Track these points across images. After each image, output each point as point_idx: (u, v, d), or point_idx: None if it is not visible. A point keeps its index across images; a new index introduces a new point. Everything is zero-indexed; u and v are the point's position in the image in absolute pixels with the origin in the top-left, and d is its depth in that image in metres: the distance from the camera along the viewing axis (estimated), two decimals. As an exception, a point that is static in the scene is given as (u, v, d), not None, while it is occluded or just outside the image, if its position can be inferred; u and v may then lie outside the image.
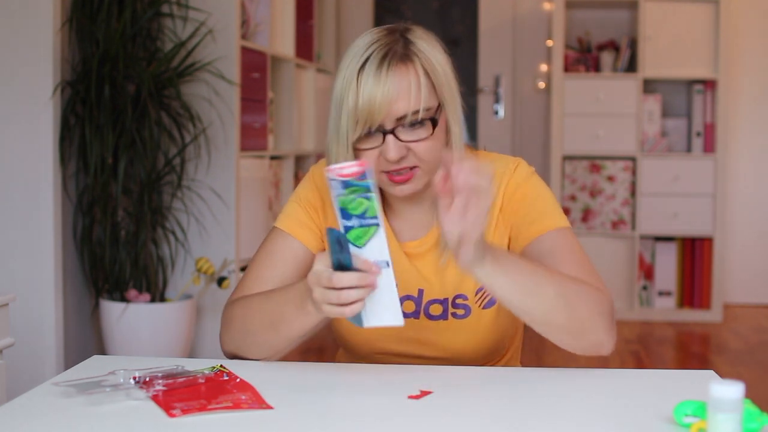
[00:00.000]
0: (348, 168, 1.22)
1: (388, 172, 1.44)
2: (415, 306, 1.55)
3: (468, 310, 1.54)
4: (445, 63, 1.46)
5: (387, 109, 1.40)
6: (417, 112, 1.41)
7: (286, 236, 1.55)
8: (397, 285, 1.27)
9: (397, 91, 1.40)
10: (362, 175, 1.22)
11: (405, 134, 1.42)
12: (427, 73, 1.43)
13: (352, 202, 1.23)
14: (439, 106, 1.44)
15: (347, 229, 1.24)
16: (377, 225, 1.24)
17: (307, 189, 1.59)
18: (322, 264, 1.27)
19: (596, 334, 1.38)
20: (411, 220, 1.55)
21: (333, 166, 1.22)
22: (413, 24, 1.48)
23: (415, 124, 1.42)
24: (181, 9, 3.45)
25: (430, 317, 1.55)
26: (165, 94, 3.37)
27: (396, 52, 1.42)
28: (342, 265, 1.25)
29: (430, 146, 1.43)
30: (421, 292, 1.54)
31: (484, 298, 1.53)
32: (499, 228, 1.52)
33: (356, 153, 1.44)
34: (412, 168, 1.44)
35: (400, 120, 1.41)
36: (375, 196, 1.23)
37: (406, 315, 1.42)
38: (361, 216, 1.24)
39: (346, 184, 1.22)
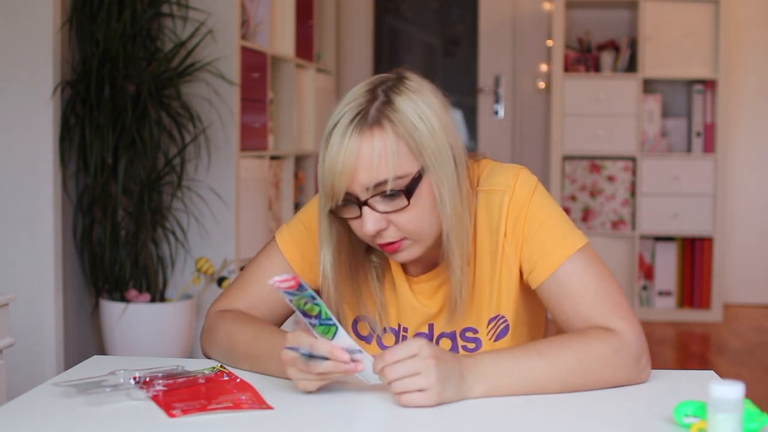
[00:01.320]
0: (284, 282, 1.17)
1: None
2: None
3: (478, 343, 1.46)
4: (435, 118, 1.32)
5: (350, 179, 1.29)
6: (383, 182, 1.29)
7: (279, 255, 1.51)
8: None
9: (355, 161, 1.28)
10: (299, 287, 1.17)
11: (381, 204, 1.31)
12: (401, 138, 1.30)
13: (306, 306, 1.20)
14: (420, 172, 1.31)
15: (312, 325, 1.22)
16: (335, 326, 1.21)
17: (314, 209, 1.49)
18: (295, 340, 1.24)
19: (623, 380, 1.33)
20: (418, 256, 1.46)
21: (272, 279, 1.17)
22: (409, 71, 1.36)
23: (393, 194, 1.30)
24: (181, 9, 3.45)
25: None
26: (165, 94, 3.37)
27: (366, 114, 1.30)
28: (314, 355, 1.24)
29: (411, 217, 1.32)
30: (431, 327, 1.48)
31: (498, 327, 1.45)
32: (506, 256, 1.41)
33: (346, 222, 1.36)
34: (401, 239, 1.34)
35: (371, 190, 1.30)
36: (322, 301, 1.19)
37: None
38: (318, 317, 1.21)
39: (290, 294, 1.19)
